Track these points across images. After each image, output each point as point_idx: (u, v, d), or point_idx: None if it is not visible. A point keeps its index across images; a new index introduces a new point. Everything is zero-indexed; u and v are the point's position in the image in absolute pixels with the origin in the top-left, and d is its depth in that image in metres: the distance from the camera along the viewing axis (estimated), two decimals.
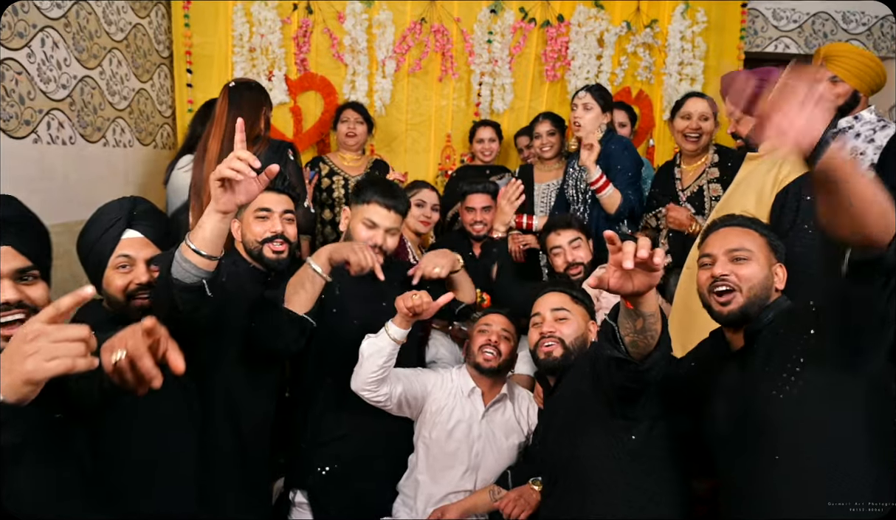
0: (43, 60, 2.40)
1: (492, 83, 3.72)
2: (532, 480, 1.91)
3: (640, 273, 1.18)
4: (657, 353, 1.33)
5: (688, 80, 3.78)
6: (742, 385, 1.46)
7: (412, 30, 3.63)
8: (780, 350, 1.40)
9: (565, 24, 3.70)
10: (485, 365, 2.09)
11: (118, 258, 1.57)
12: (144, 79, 3.25)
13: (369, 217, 2.03)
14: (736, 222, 1.61)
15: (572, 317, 1.90)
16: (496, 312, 2.22)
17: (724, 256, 1.53)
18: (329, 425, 2.04)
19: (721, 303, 1.50)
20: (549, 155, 3.14)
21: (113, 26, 2.93)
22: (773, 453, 1.37)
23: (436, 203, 2.74)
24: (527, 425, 2.16)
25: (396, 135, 3.79)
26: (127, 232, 1.59)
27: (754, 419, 1.42)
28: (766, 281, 1.50)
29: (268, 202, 1.88)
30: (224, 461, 1.80)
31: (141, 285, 1.56)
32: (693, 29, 3.75)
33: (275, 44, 3.51)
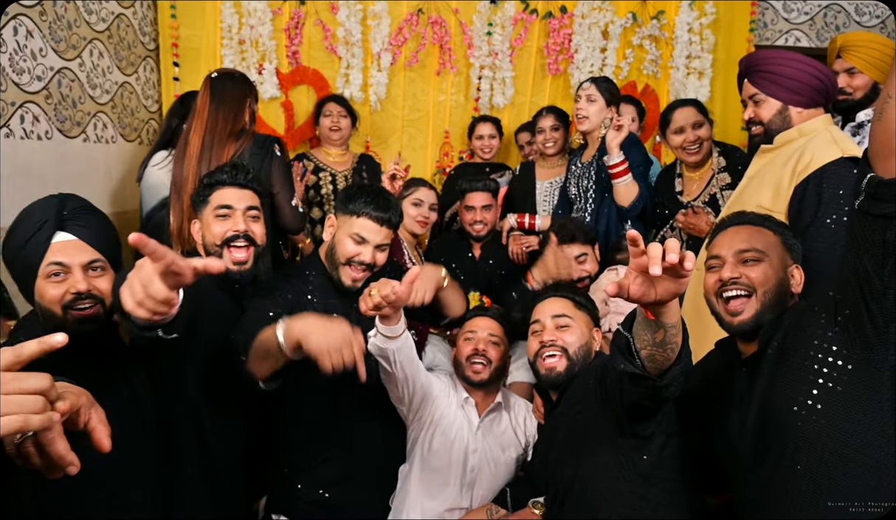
0: (16, 50, 2.28)
1: (492, 77, 3.62)
2: (532, 502, 1.81)
3: (667, 280, 1.04)
4: (677, 367, 1.20)
5: (696, 73, 3.65)
6: (756, 393, 1.36)
7: (409, 21, 3.53)
8: (796, 353, 1.30)
9: (568, 16, 3.59)
10: (475, 379, 1.97)
11: (49, 266, 1.39)
12: (129, 72, 3.12)
13: (358, 232, 1.80)
14: (747, 220, 1.50)
15: (575, 324, 1.76)
16: (482, 315, 2.10)
17: (734, 258, 1.42)
18: (313, 447, 1.88)
19: (731, 312, 1.40)
20: (553, 151, 3.03)
21: (94, 16, 2.81)
22: (793, 464, 1.26)
23: (434, 202, 2.60)
24: (524, 436, 2.05)
25: (393, 131, 3.69)
26: (58, 235, 1.41)
27: (771, 429, 1.32)
28: (782, 285, 1.40)
29: (228, 198, 1.72)
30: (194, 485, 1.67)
31: (79, 294, 1.39)
32: (701, 21, 3.62)
33: (265, 36, 3.40)
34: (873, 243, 1.14)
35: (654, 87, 3.72)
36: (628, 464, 1.48)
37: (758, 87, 1.98)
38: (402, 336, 1.69)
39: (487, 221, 2.72)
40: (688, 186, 2.57)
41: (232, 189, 1.75)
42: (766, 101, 1.96)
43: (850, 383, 1.23)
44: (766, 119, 1.97)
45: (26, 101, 2.34)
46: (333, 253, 1.83)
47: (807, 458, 1.24)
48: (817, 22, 4.05)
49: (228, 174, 1.76)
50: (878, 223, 1.13)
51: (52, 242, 1.40)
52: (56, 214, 1.41)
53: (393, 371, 1.76)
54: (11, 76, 2.25)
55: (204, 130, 2.23)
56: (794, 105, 1.92)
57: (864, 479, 1.20)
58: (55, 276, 1.39)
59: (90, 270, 1.41)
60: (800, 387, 1.27)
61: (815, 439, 1.24)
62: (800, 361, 1.29)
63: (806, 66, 1.91)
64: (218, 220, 1.72)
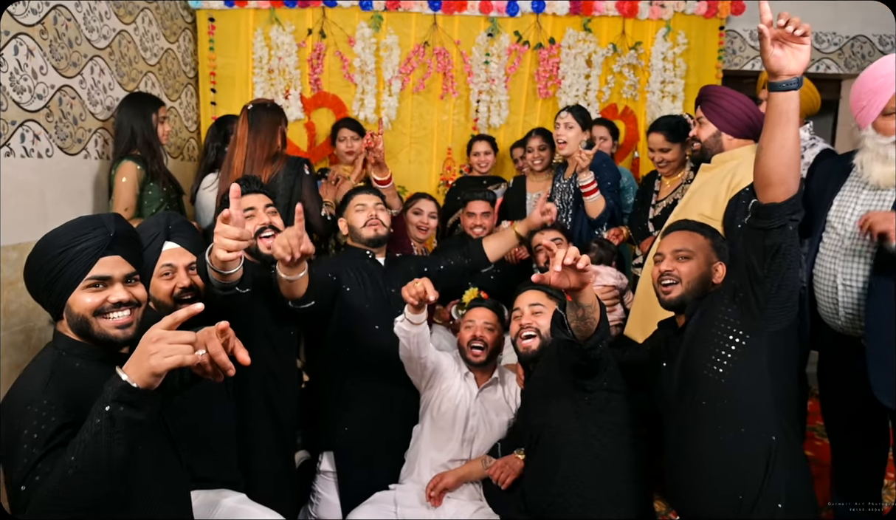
0: (92, 85, 2.73)
1: (489, 100, 4.03)
2: (517, 450, 2.19)
3: (573, 274, 1.49)
4: (596, 336, 1.65)
5: (669, 97, 4.08)
6: (681, 352, 1.82)
7: (416, 52, 3.95)
8: (709, 324, 1.76)
9: (556, 47, 4.01)
10: (474, 361, 2.38)
11: (162, 267, 1.76)
12: (174, 98, 3.58)
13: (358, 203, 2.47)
14: (685, 226, 1.97)
15: (547, 311, 2.19)
16: (479, 306, 2.49)
17: (671, 255, 1.89)
18: (350, 389, 2.39)
19: (664, 292, 1.88)
20: (540, 168, 3.45)
21: (148, 52, 3.27)
22: (700, 400, 1.73)
23: (433, 211, 3.08)
24: (514, 404, 2.45)
25: (402, 147, 4.10)
26: (166, 244, 1.79)
27: (690, 376, 1.78)
28: (704, 276, 1.86)
29: (250, 202, 2.12)
30: (260, 431, 2.13)
31: (184, 288, 1.77)
32: (674, 50, 4.05)
33: (291, 65, 3.85)
34: (756, 247, 1.62)
35: (632, 108, 4.14)
36: (581, 410, 1.90)
37: (703, 113, 2.41)
38: (423, 323, 2.17)
39: (486, 225, 3.15)
40: (662, 187, 3.04)
41: (250, 195, 2.13)
42: (706, 125, 2.39)
43: (741, 346, 1.70)
44: (703, 138, 2.41)
45: (99, 127, 2.78)
46: (353, 231, 2.48)
47: (710, 397, 1.71)
48: None
49: (244, 185, 2.15)
50: (759, 233, 1.61)
51: (163, 249, 1.78)
52: (165, 228, 1.80)
53: (411, 349, 2.22)
54: (89, 107, 2.70)
55: (244, 155, 2.59)
56: (726, 133, 2.35)
57: (748, 413, 1.68)
58: (166, 275, 1.76)
59: (191, 270, 1.82)
60: (710, 347, 1.74)
61: (716, 384, 1.71)
62: (710, 330, 1.76)
63: (742, 105, 2.33)
64: (246, 220, 2.09)
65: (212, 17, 3.80)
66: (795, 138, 1.52)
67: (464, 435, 2.36)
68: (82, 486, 1.08)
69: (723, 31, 4.18)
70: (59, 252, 1.32)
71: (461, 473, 2.27)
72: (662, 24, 4.04)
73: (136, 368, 1.11)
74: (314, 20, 3.88)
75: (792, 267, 1.62)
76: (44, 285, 1.35)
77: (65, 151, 2.59)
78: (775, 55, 1.47)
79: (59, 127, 2.54)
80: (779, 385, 1.69)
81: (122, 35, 3.02)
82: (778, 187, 1.55)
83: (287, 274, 1.95)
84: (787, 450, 1.67)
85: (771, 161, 1.54)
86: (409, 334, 2.16)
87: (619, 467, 1.90)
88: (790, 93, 1.49)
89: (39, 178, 2.42)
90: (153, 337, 1.11)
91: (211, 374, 1.21)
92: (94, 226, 1.36)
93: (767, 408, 1.67)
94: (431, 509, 2.20)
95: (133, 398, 1.10)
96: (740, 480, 1.66)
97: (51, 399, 1.20)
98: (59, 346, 1.35)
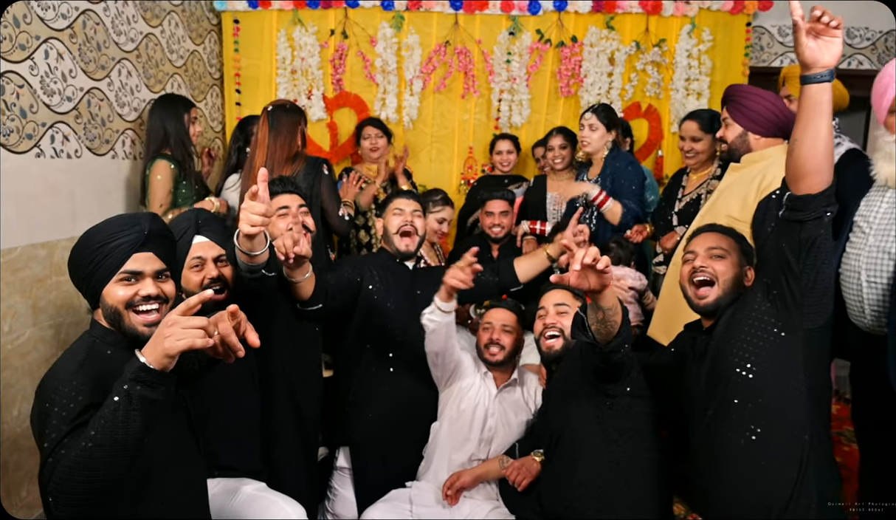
0: (120, 87, 2.81)
1: (510, 99, 4.02)
2: (534, 451, 2.19)
3: (593, 275, 1.50)
4: (617, 339, 1.65)
5: (694, 95, 4.02)
6: (710, 352, 1.79)
7: (437, 52, 3.96)
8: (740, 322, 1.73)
9: (578, 45, 3.98)
10: (491, 360, 2.38)
11: (193, 260, 1.88)
12: (199, 99, 3.65)
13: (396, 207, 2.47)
14: (716, 229, 1.93)
15: (572, 310, 2.17)
16: (498, 307, 2.48)
17: (705, 253, 1.84)
18: (369, 385, 2.41)
19: (699, 296, 1.82)
20: (561, 167, 3.43)
21: (174, 54, 3.34)
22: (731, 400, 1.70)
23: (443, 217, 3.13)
24: (534, 404, 2.45)
25: (423, 147, 4.12)
26: (196, 237, 1.91)
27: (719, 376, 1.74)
28: (738, 277, 1.81)
29: (284, 201, 2.19)
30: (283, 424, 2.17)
31: (213, 279, 1.88)
32: (699, 47, 3.99)
33: (314, 66, 3.89)
34: (792, 240, 1.60)
35: (656, 107, 4.09)
36: (602, 415, 1.90)
37: (728, 113, 2.37)
38: (452, 312, 2.17)
39: (504, 225, 3.16)
40: (689, 182, 3.01)
41: (285, 195, 2.22)
42: (731, 126, 2.35)
43: (774, 344, 1.67)
44: (729, 140, 2.36)
45: (127, 128, 2.85)
46: (387, 233, 2.47)
47: (741, 396, 1.68)
48: None
49: (280, 186, 2.25)
50: (794, 226, 1.58)
51: (193, 242, 1.89)
52: (195, 223, 1.91)
53: (439, 341, 2.21)
54: (116, 108, 2.77)
55: (265, 157, 2.65)
56: (753, 133, 2.30)
57: (781, 413, 1.65)
58: (196, 267, 1.88)
59: (219, 262, 1.91)
60: (741, 346, 1.70)
61: (748, 383, 1.67)
62: (742, 328, 1.72)
63: (768, 104, 2.28)
64: (280, 218, 2.19)
65: (236, 18, 3.86)
66: (829, 129, 1.52)
67: (482, 435, 2.35)
68: (99, 458, 1.14)
69: (750, 27, 4.10)
70: (98, 246, 1.40)
71: (478, 472, 2.27)
72: (687, 21, 3.98)
73: (152, 351, 1.18)
74: (336, 21, 3.91)
75: (827, 261, 1.60)
76: (83, 276, 1.43)
77: (93, 151, 2.66)
78: (810, 47, 1.48)
79: (87, 128, 2.61)
80: (812, 383, 1.66)
81: (149, 38, 3.09)
82: (813, 177, 1.54)
83: (290, 275, 2.01)
84: (820, 451, 1.64)
85: (805, 152, 1.53)
86: (438, 324, 2.16)
87: (639, 473, 1.89)
88: (824, 85, 1.49)
89: (68, 177, 2.49)
90: (168, 321, 1.18)
91: (222, 355, 1.27)
92: (132, 224, 1.44)
93: (801, 408, 1.64)
94: (447, 508, 2.21)
95: (149, 378, 1.17)
96: (772, 482, 1.63)
97: (81, 381, 1.28)
98: (93, 333, 1.43)
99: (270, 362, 2.13)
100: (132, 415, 1.15)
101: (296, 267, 1.99)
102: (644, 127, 4.12)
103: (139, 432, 1.16)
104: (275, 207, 2.21)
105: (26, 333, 2.24)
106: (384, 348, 2.42)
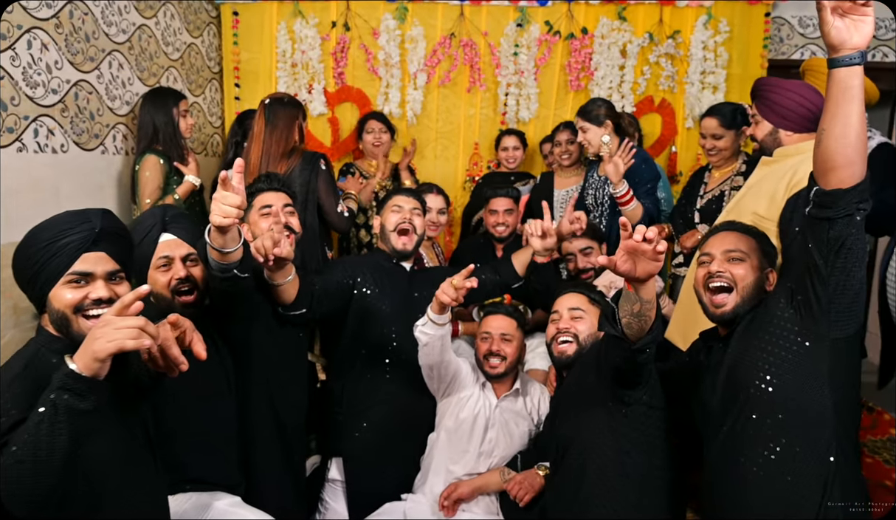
0: (110, 80, 2.71)
1: (518, 93, 3.89)
2: (538, 465, 2.07)
3: (644, 260, 1.39)
4: (648, 336, 1.52)
5: (710, 88, 3.85)
6: (726, 361, 1.64)
7: (442, 44, 3.83)
8: (761, 328, 1.58)
9: (589, 37, 3.83)
10: (492, 373, 2.26)
11: (159, 259, 1.75)
12: (197, 93, 3.55)
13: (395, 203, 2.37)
14: (734, 227, 1.77)
15: (587, 316, 2.07)
16: (495, 313, 2.34)
17: (722, 256, 1.69)
18: (363, 392, 2.30)
19: (715, 305, 1.67)
20: (568, 163, 3.30)
21: (170, 47, 3.24)
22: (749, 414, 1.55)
23: (442, 207, 2.98)
24: (537, 415, 2.33)
25: (427, 143, 3.99)
26: (163, 235, 1.78)
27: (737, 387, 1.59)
28: (758, 282, 1.66)
29: (268, 200, 2.09)
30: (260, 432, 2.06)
31: (181, 279, 1.75)
32: (716, 39, 3.83)
33: (314, 59, 3.78)
34: (820, 240, 1.45)
35: (670, 101, 3.94)
36: (616, 425, 1.76)
37: (757, 110, 2.22)
38: (447, 324, 2.05)
39: (509, 223, 3.02)
40: (711, 179, 2.88)
41: (269, 193, 2.11)
42: (761, 123, 2.20)
43: (798, 354, 1.52)
44: (759, 137, 2.22)
45: (118, 122, 2.76)
46: (384, 231, 2.38)
47: (759, 410, 1.54)
48: None
49: (265, 183, 2.14)
50: (822, 225, 1.43)
51: (160, 241, 1.78)
52: (161, 220, 1.79)
53: (433, 354, 2.10)
54: (107, 102, 2.68)
55: (261, 151, 2.58)
56: (784, 129, 2.15)
57: (803, 429, 1.50)
58: (163, 267, 1.75)
59: (188, 261, 1.78)
60: (761, 355, 1.56)
61: (767, 397, 1.53)
62: (762, 336, 1.57)
63: (798, 97, 2.12)
64: (262, 217, 2.08)
65: (236, 10, 3.75)
66: (861, 117, 1.36)
67: (481, 447, 2.24)
68: (21, 476, 1.04)
69: (769, 17, 3.93)
70: (44, 245, 1.29)
71: (477, 483, 2.17)
72: (703, 11, 3.83)
73: (82, 355, 1.08)
74: (338, 12, 3.80)
75: (858, 264, 1.45)
76: (28, 278, 1.32)
77: (81, 146, 2.55)
78: (836, 27, 1.33)
79: (74, 122, 2.50)
80: (839, 398, 1.52)
81: (143, 29, 2.99)
82: (843, 170, 1.38)
83: (270, 278, 1.90)
84: (846, 471, 1.50)
85: (834, 143, 1.37)
86: (432, 338, 2.04)
87: (650, 487, 1.76)
88: (854, 68, 1.33)
89: (54, 173, 2.38)
90: (101, 322, 1.09)
91: (163, 367, 1.17)
92: (81, 220, 1.33)
93: (825, 424, 1.50)
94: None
95: (78, 386, 1.07)
96: (793, 505, 1.49)
97: (17, 392, 1.18)
98: (39, 340, 1.33)
99: (248, 368, 2.02)
100: (57, 428, 1.04)
101: (276, 270, 1.88)
102: (657, 122, 3.97)
103: (65, 446, 1.05)
104: (258, 205, 2.11)
105: (7, 335, 2.15)
106: (379, 354, 2.30)
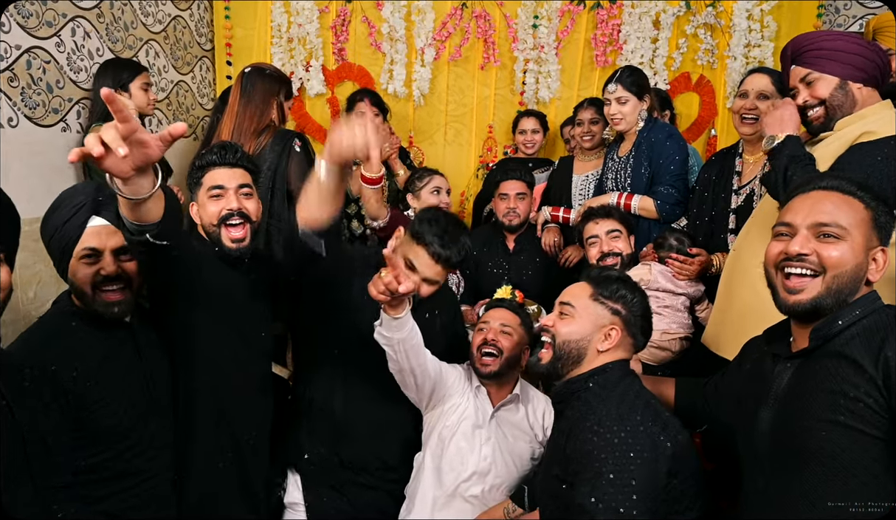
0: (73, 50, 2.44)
1: (537, 71, 3.55)
2: None
3: None
4: None
5: (755, 64, 3.42)
6: (792, 395, 1.22)
7: (453, 15, 3.52)
8: (848, 363, 1.13)
9: (617, 5, 3.47)
10: (483, 371, 1.93)
11: (84, 249, 1.45)
12: (184, 71, 3.28)
13: (413, 259, 1.79)
14: (836, 186, 1.25)
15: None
16: (498, 306, 2.06)
17: (809, 230, 1.23)
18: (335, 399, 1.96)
19: (789, 289, 1.23)
20: (589, 145, 2.92)
21: (150, 18, 2.97)
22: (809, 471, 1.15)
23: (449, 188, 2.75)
24: (541, 430, 1.99)
25: (437, 127, 3.67)
26: (93, 220, 1.47)
27: (797, 436, 1.18)
28: (858, 270, 1.20)
29: (220, 179, 1.73)
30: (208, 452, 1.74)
31: (108, 277, 1.45)
32: (762, 7, 3.41)
33: (312, 33, 3.48)
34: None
35: (709, 78, 3.54)
36: None
37: (810, 67, 1.80)
38: (407, 325, 1.66)
39: (521, 210, 2.69)
40: (745, 167, 2.34)
41: (222, 169, 1.74)
42: (821, 79, 1.78)
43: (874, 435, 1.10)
44: (825, 96, 1.77)
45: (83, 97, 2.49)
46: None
47: (819, 458, 1.14)
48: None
49: (218, 155, 1.75)
50: None
51: (88, 225, 1.46)
52: (93, 199, 1.47)
53: (399, 360, 1.74)
54: (69, 74, 2.41)
55: (232, 126, 2.30)
56: (854, 80, 1.74)
57: (866, 492, 1.10)
58: (88, 258, 1.45)
59: (121, 256, 1.47)
60: (837, 387, 1.13)
61: (832, 444, 1.12)
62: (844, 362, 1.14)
63: (857, 40, 1.78)
64: (212, 200, 1.73)
65: None
66: None
67: (475, 466, 1.89)
68: None
69: None
70: None
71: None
72: None
73: None
74: None
75: None
76: None
77: (34, 121, 2.26)
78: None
79: (26, 94, 2.21)
80: None
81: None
82: None
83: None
84: None
85: None
86: (391, 341, 1.68)
87: None
88: None
89: None
90: None
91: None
92: None
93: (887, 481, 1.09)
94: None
95: None
96: None
97: None
98: None
99: (191, 373, 1.69)
100: None
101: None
102: (695, 102, 3.58)
103: None
104: (207, 184, 1.76)
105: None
106: (356, 354, 1.90)
